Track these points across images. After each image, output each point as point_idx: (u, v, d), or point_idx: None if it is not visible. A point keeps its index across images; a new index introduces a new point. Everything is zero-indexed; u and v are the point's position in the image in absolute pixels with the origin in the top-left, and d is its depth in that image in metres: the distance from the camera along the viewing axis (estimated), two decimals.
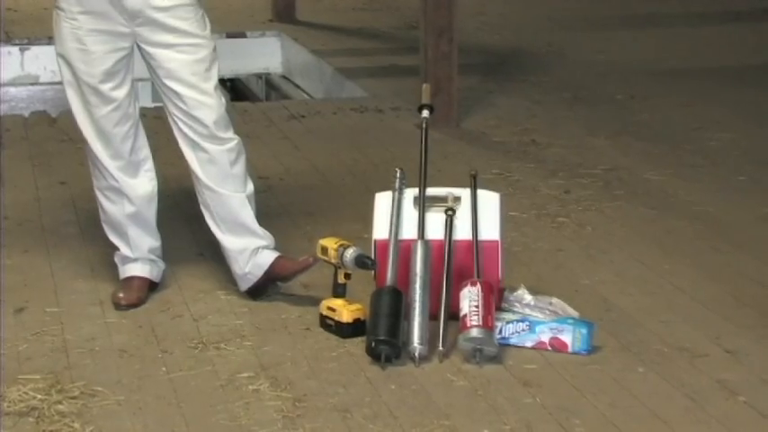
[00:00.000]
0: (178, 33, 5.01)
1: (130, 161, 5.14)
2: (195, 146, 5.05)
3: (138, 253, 5.23)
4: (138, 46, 5.03)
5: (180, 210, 5.63)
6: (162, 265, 5.31)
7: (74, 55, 4.99)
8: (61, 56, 5.05)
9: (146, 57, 5.05)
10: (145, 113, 5.24)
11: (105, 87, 5.01)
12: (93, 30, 4.95)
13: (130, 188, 5.15)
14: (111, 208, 5.20)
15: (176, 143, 5.11)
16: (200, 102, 5.01)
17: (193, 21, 5.04)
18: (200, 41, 5.05)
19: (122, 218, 5.19)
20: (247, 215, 5.14)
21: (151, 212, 5.23)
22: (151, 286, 5.25)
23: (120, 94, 5.05)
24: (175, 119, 5.06)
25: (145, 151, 5.20)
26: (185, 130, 5.04)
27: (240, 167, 5.12)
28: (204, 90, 5.03)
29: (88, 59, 4.97)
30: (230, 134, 5.09)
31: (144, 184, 5.19)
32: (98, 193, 5.23)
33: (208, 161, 5.06)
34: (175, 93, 5.01)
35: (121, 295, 5.16)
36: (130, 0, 4.92)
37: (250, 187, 5.17)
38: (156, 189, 5.23)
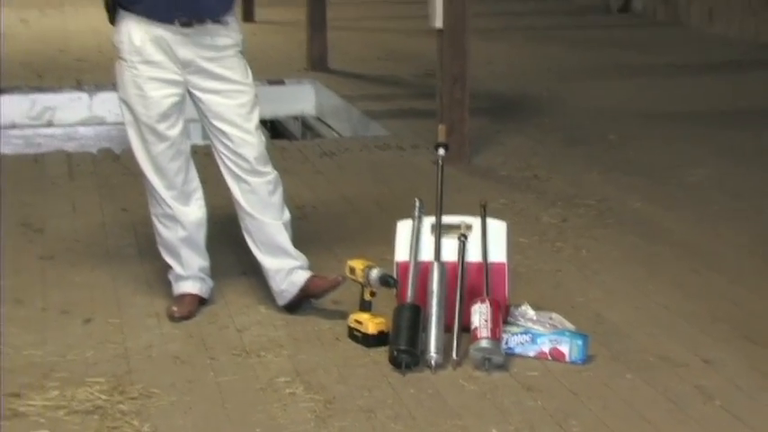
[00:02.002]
0: (224, 81, 5.03)
1: (183, 191, 5.15)
2: (238, 178, 5.07)
3: (190, 272, 5.24)
4: (190, 91, 5.06)
5: (225, 234, 5.63)
6: (210, 282, 5.32)
7: (134, 99, 5.01)
8: (123, 100, 5.07)
9: (196, 101, 5.08)
10: (195, 150, 5.25)
11: (161, 127, 5.02)
12: (150, 77, 4.97)
13: (183, 215, 5.17)
14: (166, 232, 5.21)
15: (222, 176, 5.13)
16: (243, 140, 5.04)
17: (237, 69, 5.07)
18: (244, 88, 5.08)
19: (176, 241, 5.20)
20: (284, 239, 5.15)
21: (201, 236, 5.25)
22: (201, 301, 5.25)
23: (174, 132, 5.07)
24: (221, 155, 5.09)
25: (195, 183, 5.22)
26: (230, 164, 5.07)
27: (278, 197, 5.14)
28: (247, 130, 5.05)
29: (146, 103, 5.00)
30: (269, 168, 5.12)
31: (195, 211, 5.20)
32: (155, 220, 5.24)
33: (249, 192, 5.08)
34: (222, 132, 5.04)
35: (175, 309, 5.17)
36: (183, 52, 4.95)
37: (286, 215, 5.19)
38: (205, 216, 5.24)
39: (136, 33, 4.97)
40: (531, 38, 13.50)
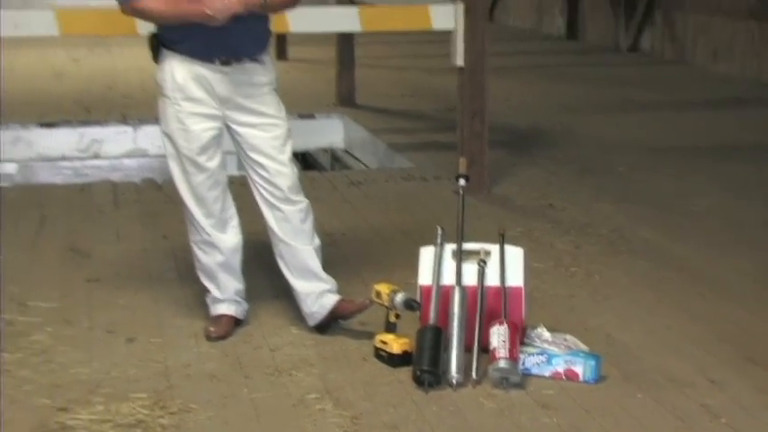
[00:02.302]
0: (260, 115, 5.05)
1: (220, 219, 5.15)
2: (272, 207, 5.07)
3: (226, 295, 5.23)
4: (227, 125, 5.06)
5: (259, 259, 5.62)
6: (245, 304, 5.31)
7: (176, 133, 5.02)
8: (166, 134, 5.08)
9: (233, 134, 5.08)
10: (231, 180, 5.25)
11: (201, 159, 5.03)
12: (192, 113, 4.98)
13: (220, 241, 5.16)
14: (205, 258, 5.21)
15: (257, 205, 5.12)
16: (277, 171, 5.04)
17: (272, 105, 5.09)
18: (278, 122, 5.09)
19: (214, 266, 5.20)
20: (314, 264, 5.15)
21: (237, 261, 5.24)
22: (236, 322, 5.24)
23: (213, 164, 5.08)
24: (256, 185, 5.09)
25: (231, 211, 5.21)
26: (264, 193, 5.07)
27: (309, 224, 5.14)
28: (281, 161, 5.06)
29: (188, 137, 5.01)
30: (301, 197, 5.12)
31: (231, 237, 5.20)
32: (194, 246, 5.24)
33: (282, 219, 5.08)
34: (257, 163, 5.04)
35: (212, 329, 5.16)
36: (222, 89, 4.96)
37: (317, 241, 5.18)
38: (240, 242, 5.24)
39: (178, 72, 4.98)
40: (545, 76, 13.50)
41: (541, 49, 16.26)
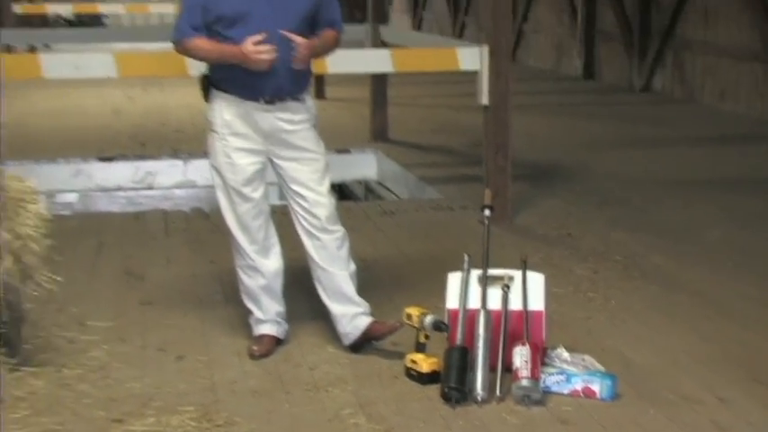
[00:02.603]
0: (301, 150, 5.07)
1: (263, 245, 5.16)
2: (311, 235, 5.08)
3: (268, 316, 5.23)
4: (270, 159, 5.08)
5: (299, 283, 5.61)
6: (285, 325, 5.31)
7: (224, 166, 5.04)
8: (214, 167, 5.11)
9: (275, 167, 5.10)
10: (274, 210, 5.26)
11: (246, 190, 5.04)
12: (238, 148, 5.01)
13: (263, 266, 5.17)
14: (249, 281, 5.21)
15: (297, 233, 5.13)
16: (316, 201, 5.06)
17: (312, 140, 5.11)
18: (317, 156, 5.11)
19: (257, 289, 5.20)
20: (349, 288, 5.15)
21: (278, 285, 5.24)
22: (277, 342, 5.24)
23: (257, 195, 5.09)
24: (297, 214, 5.10)
25: (274, 238, 5.22)
26: (304, 222, 5.09)
27: (345, 251, 5.14)
28: (320, 192, 5.07)
29: (234, 170, 5.03)
30: (338, 226, 5.13)
31: (273, 263, 5.21)
32: (238, 270, 5.24)
33: (320, 247, 5.09)
34: (298, 194, 5.06)
35: (255, 348, 5.16)
36: (266, 126, 4.99)
37: (352, 267, 5.18)
38: (281, 267, 5.24)
39: (226, 110, 5.01)
40: (564, 113, 13.49)
41: (560, 89, 16.24)
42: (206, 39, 4.94)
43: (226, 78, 5.00)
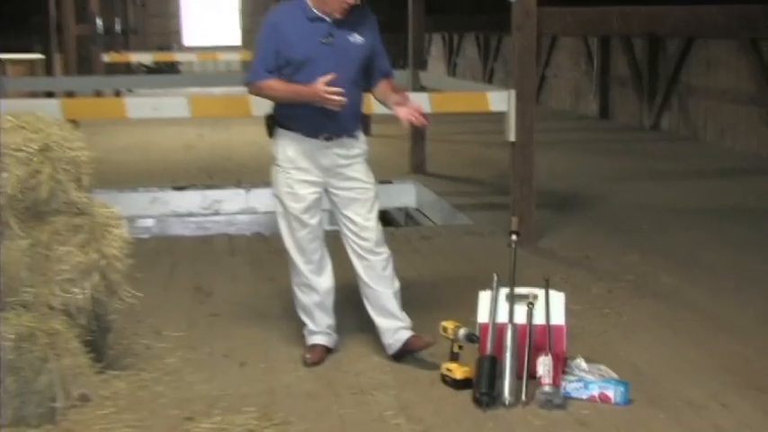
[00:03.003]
0: (354, 180, 5.07)
1: (318, 266, 5.16)
2: (360, 257, 5.08)
3: (320, 328, 5.23)
4: (326, 189, 5.08)
5: (348, 299, 5.61)
6: (335, 336, 5.30)
7: (285, 196, 5.05)
8: (277, 196, 5.12)
9: (330, 196, 5.11)
10: (326, 234, 5.27)
11: (304, 217, 5.05)
12: (299, 180, 5.02)
13: (317, 284, 5.18)
14: (303, 297, 5.22)
15: (347, 255, 5.13)
16: (365, 227, 5.06)
17: (363, 172, 5.12)
18: (368, 186, 5.11)
19: (311, 304, 5.20)
20: (392, 305, 5.14)
21: (330, 301, 5.24)
22: (328, 351, 5.24)
23: (314, 221, 5.10)
24: (348, 238, 5.11)
25: (327, 259, 5.22)
26: (354, 246, 5.08)
27: (389, 272, 5.13)
28: (369, 219, 5.08)
29: (295, 199, 5.04)
30: (384, 249, 5.12)
31: (326, 281, 5.21)
32: (295, 288, 5.25)
33: (368, 267, 5.08)
34: (350, 220, 5.06)
35: (308, 356, 5.16)
36: (324, 161, 5.01)
37: (396, 285, 5.17)
38: (333, 285, 5.24)
39: (289, 146, 5.02)
40: (582, 149, 13.44)
41: (578, 127, 16.18)
42: (279, 80, 4.95)
43: (289, 117, 5.02)
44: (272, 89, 4.98)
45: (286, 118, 5.03)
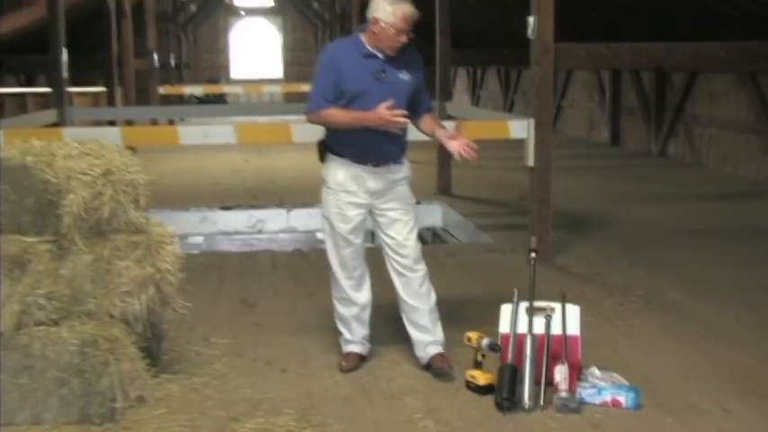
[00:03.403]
0: (396, 202, 5.05)
1: (358, 281, 5.14)
2: (399, 273, 5.04)
3: (356, 338, 5.21)
4: (371, 210, 5.06)
5: (382, 312, 5.58)
6: (369, 345, 5.28)
7: (334, 217, 5.03)
8: (325, 216, 5.09)
9: (374, 216, 5.07)
10: (367, 251, 5.25)
11: (351, 237, 5.04)
12: (348, 202, 5.00)
13: (356, 298, 5.15)
14: (342, 310, 5.20)
15: (386, 271, 5.10)
16: (405, 245, 5.02)
17: (406, 195, 5.11)
18: (409, 208, 5.09)
19: (349, 316, 5.19)
20: (426, 320, 5.08)
21: (367, 314, 5.21)
22: (362, 359, 5.21)
23: (359, 240, 5.08)
24: (388, 256, 5.07)
25: (366, 275, 5.19)
26: (394, 263, 5.05)
27: (426, 288, 5.09)
28: (409, 238, 5.05)
29: (343, 219, 5.02)
30: (421, 266, 5.07)
31: (364, 296, 5.18)
32: (335, 301, 5.23)
33: (406, 283, 5.04)
34: (391, 238, 5.03)
35: (344, 363, 5.15)
36: (372, 185, 4.99)
37: (432, 301, 5.11)
38: (370, 299, 5.21)
39: (339, 171, 5.00)
40: (595, 174, 13.38)
41: (592, 154, 16.12)
42: (338, 108, 4.92)
43: (340, 144, 4.98)
44: (333, 117, 4.92)
45: (337, 145, 5.00)
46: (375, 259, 5.22)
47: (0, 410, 4.36)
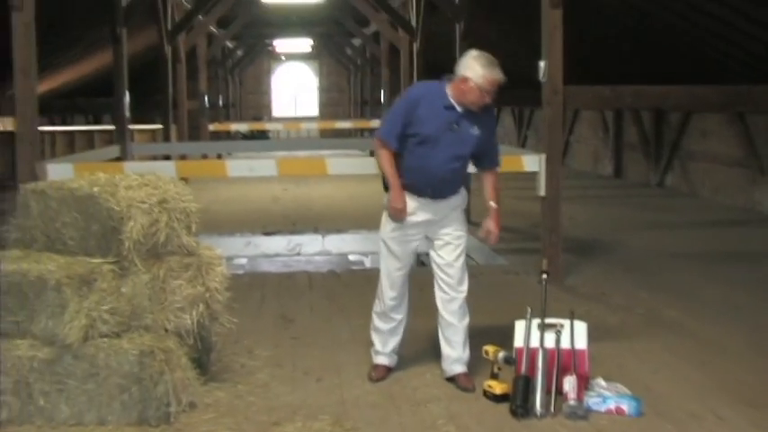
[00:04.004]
0: (450, 227, 4.99)
1: (400, 301, 5.08)
2: (443, 291, 4.97)
3: (386, 350, 5.17)
4: (426, 234, 5.01)
5: (413, 330, 5.55)
6: (396, 357, 5.21)
7: (390, 240, 4.99)
8: (383, 239, 5.03)
9: (429, 237, 5.00)
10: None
11: (404, 259, 5.00)
12: (404, 227, 4.94)
13: (395, 315, 5.10)
14: (380, 323, 5.15)
15: (419, 290, 5.03)
16: (452, 266, 4.96)
17: (459, 221, 5.03)
18: (461, 233, 5.01)
19: (385, 330, 5.14)
20: (458, 338, 5.00)
21: (401, 329, 5.16)
22: (389, 370, 5.18)
23: (410, 261, 5.05)
24: (436, 274, 4.99)
25: (407, 296, 5.12)
26: (440, 281, 4.98)
27: (464, 308, 5.01)
28: (457, 260, 4.97)
29: (398, 243, 4.97)
30: (464, 288, 4.99)
31: (402, 313, 5.12)
32: (374, 314, 5.18)
33: (447, 300, 4.97)
34: (441, 258, 4.97)
35: (373, 374, 5.12)
36: (429, 215, 4.93)
37: (466, 321, 5.03)
38: (406, 317, 5.15)
39: None
40: (600, 203, 13.32)
41: (596, 185, 16.05)
42: (391, 155, 4.83)
43: (403, 176, 4.88)
44: (381, 158, 4.84)
45: (405, 180, 4.89)
46: (419, 286, 5.14)
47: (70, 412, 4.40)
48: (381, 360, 5.18)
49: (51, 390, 4.42)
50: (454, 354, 5.02)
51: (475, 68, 4.75)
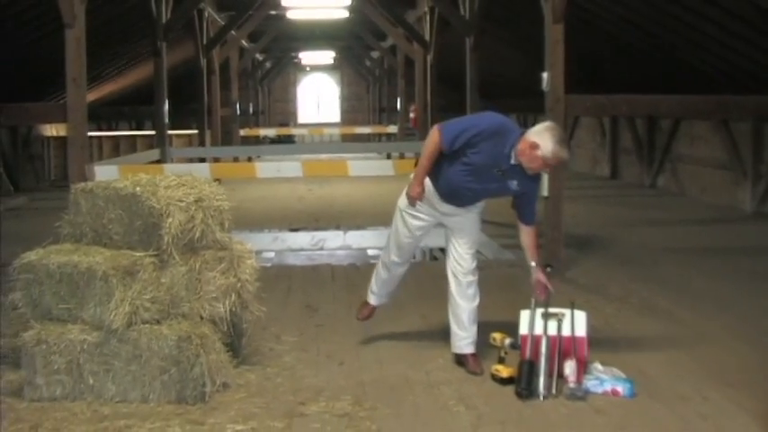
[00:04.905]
0: (467, 223, 5.01)
1: (401, 261, 5.21)
2: (454, 276, 4.99)
3: (380, 292, 5.36)
4: (441, 222, 5.03)
5: (428, 322, 5.54)
6: (386, 300, 5.39)
7: (408, 213, 5.02)
8: (401, 209, 5.03)
9: (447, 226, 5.02)
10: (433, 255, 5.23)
11: (416, 232, 5.07)
12: (422, 207, 4.97)
13: (395, 268, 5.23)
14: (381, 271, 5.30)
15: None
16: (464, 257, 4.98)
17: (476, 220, 5.06)
18: (474, 231, 5.05)
19: (384, 276, 5.28)
20: (467, 318, 5.00)
21: (396, 281, 5.33)
22: (374, 309, 5.38)
23: (418, 234, 5.10)
24: (449, 260, 5.02)
25: (407, 264, 5.26)
26: (452, 266, 4.99)
27: (472, 291, 5.01)
28: (468, 251, 5.00)
29: (414, 217, 5.03)
30: (473, 276, 5.01)
31: (402, 270, 5.27)
32: (379, 263, 5.30)
33: (457, 284, 4.98)
34: (455, 249, 5.00)
35: (360, 314, 5.44)
36: (443, 209, 4.96)
37: (475, 303, 5.02)
38: (404, 274, 5.29)
39: (428, 190, 4.87)
40: (598, 203, 13.24)
41: (595, 186, 15.95)
42: (437, 153, 4.67)
43: (435, 178, 4.83)
44: (425, 158, 4.72)
45: (434, 175, 4.84)
46: (433, 277, 5.15)
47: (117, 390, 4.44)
48: (373, 300, 5.32)
49: (99, 370, 4.46)
50: (462, 333, 5.00)
51: (547, 142, 4.56)
